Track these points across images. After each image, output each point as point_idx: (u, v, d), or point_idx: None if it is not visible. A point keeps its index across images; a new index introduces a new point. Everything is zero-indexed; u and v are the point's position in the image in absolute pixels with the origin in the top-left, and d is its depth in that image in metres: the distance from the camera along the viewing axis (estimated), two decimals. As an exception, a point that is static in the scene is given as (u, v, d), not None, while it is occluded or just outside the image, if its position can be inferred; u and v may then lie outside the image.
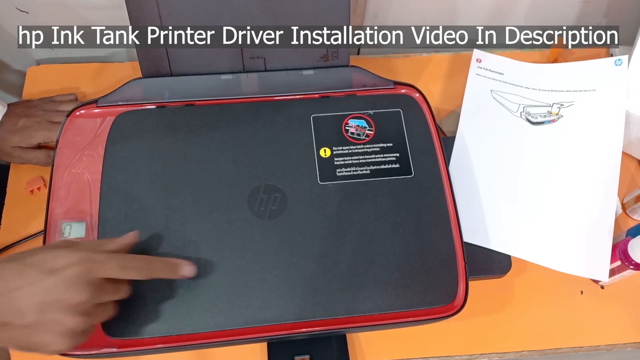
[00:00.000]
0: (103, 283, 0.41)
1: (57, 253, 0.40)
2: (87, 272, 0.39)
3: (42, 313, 0.38)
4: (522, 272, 0.59)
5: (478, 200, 0.61)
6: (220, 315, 0.47)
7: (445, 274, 0.50)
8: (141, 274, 0.43)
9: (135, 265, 0.43)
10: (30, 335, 0.38)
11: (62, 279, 0.38)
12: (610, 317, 0.58)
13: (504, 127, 0.65)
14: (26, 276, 0.38)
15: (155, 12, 0.55)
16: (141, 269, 0.43)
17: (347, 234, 0.51)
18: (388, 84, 0.60)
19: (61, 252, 0.40)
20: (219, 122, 0.55)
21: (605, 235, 0.58)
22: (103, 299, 0.41)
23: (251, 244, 0.50)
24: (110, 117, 0.55)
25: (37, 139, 0.60)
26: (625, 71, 0.65)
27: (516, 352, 0.57)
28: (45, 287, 0.38)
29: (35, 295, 0.38)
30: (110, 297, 0.43)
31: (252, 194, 0.52)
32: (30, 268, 0.39)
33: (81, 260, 0.40)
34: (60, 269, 0.39)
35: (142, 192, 0.51)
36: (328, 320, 0.48)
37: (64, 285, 0.38)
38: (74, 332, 0.39)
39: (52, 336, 0.38)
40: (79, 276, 0.39)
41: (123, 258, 0.43)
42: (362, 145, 0.56)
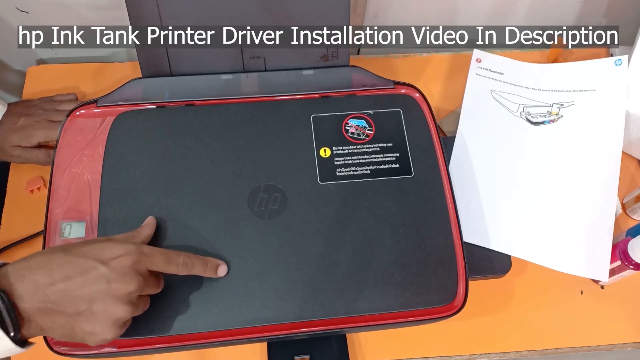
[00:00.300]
0: (148, 275, 0.43)
1: (104, 245, 0.41)
2: (136, 263, 0.41)
3: (94, 302, 0.39)
4: (522, 272, 0.59)
5: (478, 200, 0.61)
6: (220, 315, 0.47)
7: (445, 274, 0.50)
8: (182, 269, 0.45)
9: (179, 261, 0.44)
10: (81, 323, 0.39)
11: (115, 268, 0.40)
12: (610, 317, 0.58)
13: (504, 127, 0.65)
14: (78, 266, 0.39)
15: (155, 12, 0.55)
16: (183, 265, 0.45)
17: (347, 233, 0.51)
18: (388, 84, 0.60)
19: (109, 244, 0.42)
20: (219, 122, 0.55)
21: (605, 235, 0.58)
22: (146, 290, 0.43)
23: (251, 244, 0.50)
24: (110, 117, 0.55)
25: (37, 138, 0.60)
26: (625, 71, 0.65)
27: (516, 352, 0.57)
28: (98, 275, 0.39)
29: (88, 284, 0.39)
30: (151, 290, 0.44)
31: (252, 193, 0.52)
32: (81, 258, 0.40)
33: (131, 251, 0.41)
34: (112, 259, 0.40)
35: (142, 192, 0.51)
36: (328, 320, 0.48)
37: (117, 274, 0.40)
38: (122, 321, 0.41)
39: (102, 325, 0.40)
40: (131, 266, 0.41)
41: (168, 252, 0.44)
42: (362, 145, 0.56)
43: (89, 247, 0.41)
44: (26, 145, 0.61)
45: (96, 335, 0.40)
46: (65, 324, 0.39)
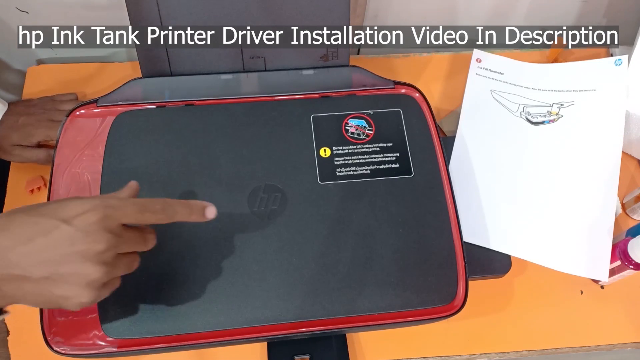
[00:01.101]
0: (123, 231, 0.39)
1: (67, 202, 0.37)
2: (103, 219, 0.37)
3: (60, 264, 0.36)
4: (522, 272, 0.59)
5: (478, 200, 0.61)
6: (220, 314, 0.47)
7: (445, 274, 0.50)
8: (162, 216, 0.40)
9: (154, 208, 0.39)
10: (51, 288, 0.36)
11: (78, 227, 0.36)
12: (610, 317, 0.58)
13: (504, 127, 0.65)
14: (38, 226, 0.36)
15: (155, 12, 0.55)
16: (161, 212, 0.40)
17: (347, 233, 0.51)
18: (388, 84, 0.60)
19: (72, 201, 0.37)
20: (219, 122, 0.55)
21: (605, 235, 0.58)
22: (125, 248, 0.39)
23: (251, 243, 0.50)
24: (110, 116, 0.55)
25: (37, 137, 0.60)
26: (625, 71, 0.65)
27: (516, 352, 0.57)
28: (61, 236, 0.35)
29: (51, 246, 0.35)
30: (133, 247, 0.40)
31: (252, 193, 0.52)
32: (42, 218, 0.36)
33: (96, 206, 0.37)
34: (75, 216, 0.36)
35: (142, 192, 0.51)
36: (328, 320, 0.48)
37: (81, 233, 0.36)
38: (97, 283, 0.37)
39: (74, 288, 0.36)
40: (96, 223, 0.36)
41: (140, 201, 0.40)
42: (362, 145, 0.56)
43: (52, 206, 0.37)
44: (26, 145, 0.61)
45: (70, 299, 0.37)
46: (34, 290, 0.36)
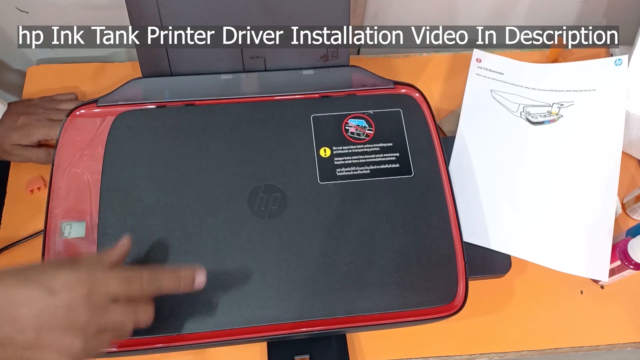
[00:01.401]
0: (110, 304, 0.40)
1: (56, 272, 0.39)
2: (88, 294, 0.38)
3: (42, 332, 0.37)
4: (522, 272, 0.59)
5: (478, 200, 0.61)
6: (220, 315, 0.47)
7: (445, 274, 0.50)
8: (148, 287, 0.41)
9: (141, 278, 0.41)
10: (32, 354, 0.37)
11: (63, 299, 0.37)
12: (610, 317, 0.58)
13: (504, 127, 0.65)
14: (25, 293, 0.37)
15: (155, 12, 0.55)
16: (148, 282, 0.41)
17: (347, 233, 0.51)
18: (388, 84, 0.60)
19: (61, 271, 0.39)
20: (219, 122, 0.55)
21: (605, 235, 0.58)
22: (110, 319, 0.40)
23: (251, 243, 0.50)
24: (110, 116, 0.55)
25: (37, 137, 0.60)
26: (625, 71, 0.65)
27: (516, 352, 0.56)
28: (45, 307, 0.37)
29: (34, 315, 0.37)
30: (121, 317, 0.40)
31: (252, 193, 0.52)
32: (29, 285, 0.37)
33: (81, 281, 0.38)
34: (60, 289, 0.38)
35: (142, 192, 0.51)
36: (328, 320, 0.48)
37: (64, 307, 0.37)
38: (75, 352, 0.38)
39: (55, 356, 0.37)
40: (80, 299, 0.38)
41: (128, 271, 0.41)
42: (362, 145, 0.56)
43: (41, 273, 0.38)
44: (26, 144, 0.61)
45: None
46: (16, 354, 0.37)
